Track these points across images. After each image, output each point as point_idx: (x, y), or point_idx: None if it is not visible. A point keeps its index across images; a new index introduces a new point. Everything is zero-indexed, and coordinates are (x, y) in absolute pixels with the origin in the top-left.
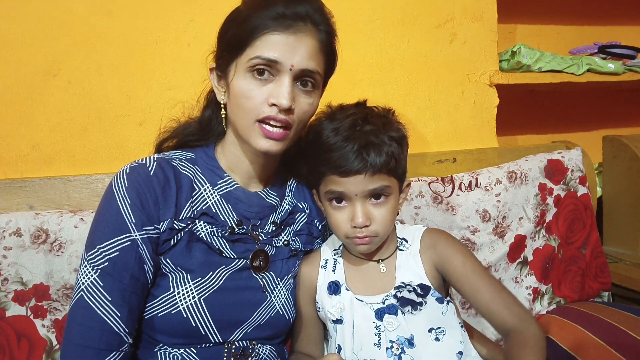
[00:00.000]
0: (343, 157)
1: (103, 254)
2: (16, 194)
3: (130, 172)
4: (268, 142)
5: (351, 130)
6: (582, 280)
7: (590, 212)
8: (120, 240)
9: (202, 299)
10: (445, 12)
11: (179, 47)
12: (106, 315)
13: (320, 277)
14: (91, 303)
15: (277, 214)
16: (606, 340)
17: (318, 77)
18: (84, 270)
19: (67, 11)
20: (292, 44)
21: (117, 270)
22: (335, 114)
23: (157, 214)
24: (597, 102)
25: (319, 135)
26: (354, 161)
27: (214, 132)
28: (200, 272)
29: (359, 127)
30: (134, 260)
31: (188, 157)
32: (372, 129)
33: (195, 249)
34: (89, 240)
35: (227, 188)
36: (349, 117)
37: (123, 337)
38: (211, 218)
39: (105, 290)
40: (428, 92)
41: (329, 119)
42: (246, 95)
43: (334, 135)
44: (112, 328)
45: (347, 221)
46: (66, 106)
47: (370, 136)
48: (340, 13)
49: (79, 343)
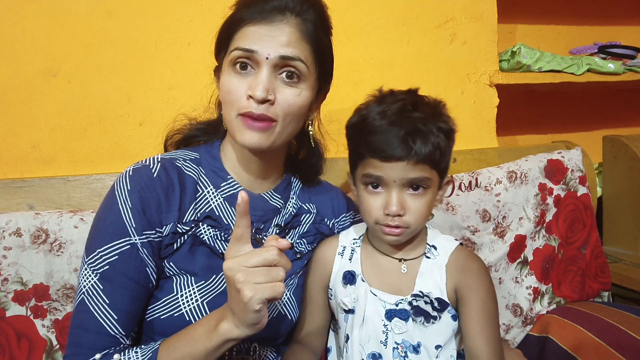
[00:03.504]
0: (387, 142)
1: (103, 258)
2: (16, 194)
3: (133, 175)
4: (250, 133)
5: (399, 115)
6: (582, 280)
7: (590, 212)
8: (120, 244)
9: (205, 302)
10: (445, 12)
11: (179, 47)
12: (102, 318)
13: (335, 263)
14: (90, 306)
15: (280, 217)
16: (606, 340)
17: (301, 65)
18: (85, 273)
19: (67, 11)
20: (269, 33)
21: (116, 274)
22: (385, 97)
23: (159, 218)
24: (597, 102)
25: (364, 117)
26: (397, 147)
27: (220, 132)
28: (203, 275)
29: (407, 112)
30: (133, 264)
31: (192, 158)
32: (420, 116)
33: (198, 252)
34: (89, 243)
35: (230, 191)
36: (398, 102)
37: (119, 339)
38: (214, 221)
39: (104, 294)
40: (428, 92)
41: (377, 102)
42: (228, 89)
43: (380, 118)
44: (107, 331)
45: (380, 208)
46: (66, 106)
47: (418, 123)
48: (340, 13)
49: (79, 343)
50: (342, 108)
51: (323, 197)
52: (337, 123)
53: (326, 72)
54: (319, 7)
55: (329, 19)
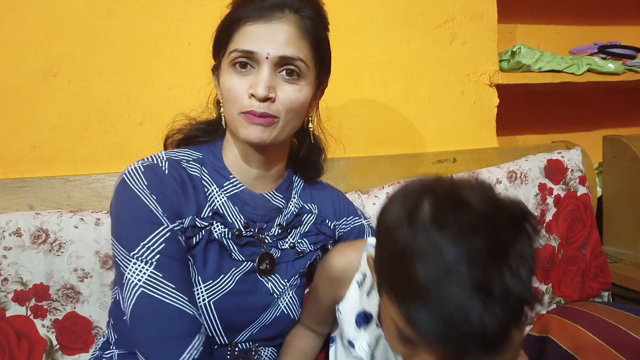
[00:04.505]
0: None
1: (150, 249)
2: (16, 194)
3: (146, 171)
4: (254, 128)
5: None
6: (582, 280)
7: (590, 212)
8: (161, 232)
9: (212, 302)
10: (445, 12)
11: (179, 47)
12: (177, 302)
13: (351, 292)
14: (157, 295)
15: (282, 217)
16: (606, 340)
17: (301, 64)
18: (135, 267)
19: (67, 11)
20: (268, 32)
21: (169, 260)
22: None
23: (180, 209)
24: (597, 102)
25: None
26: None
27: (220, 131)
28: (212, 274)
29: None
30: (178, 247)
31: (195, 158)
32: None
33: (211, 250)
34: (127, 241)
35: (233, 190)
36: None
37: (198, 318)
38: (223, 219)
39: (166, 279)
40: (428, 92)
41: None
42: (229, 88)
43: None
44: (187, 312)
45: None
46: (66, 106)
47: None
48: (340, 13)
49: (161, 337)
50: (341, 105)
51: (325, 198)
52: (337, 121)
53: (325, 68)
54: (316, 2)
55: (326, 14)
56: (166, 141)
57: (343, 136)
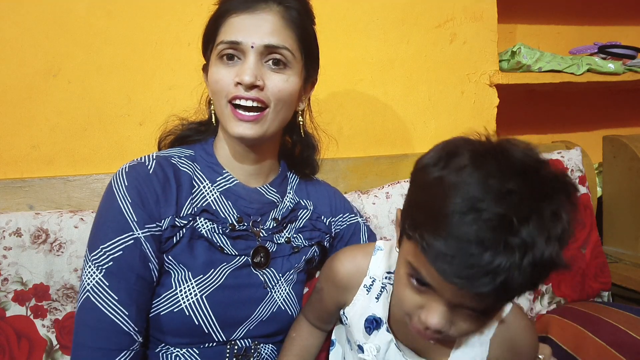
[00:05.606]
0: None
1: (107, 254)
2: (16, 194)
3: (130, 171)
4: (243, 125)
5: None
6: (582, 280)
7: (590, 212)
8: (124, 240)
9: (204, 296)
10: (445, 12)
11: (179, 47)
12: (114, 314)
13: (358, 296)
14: (98, 303)
15: (278, 211)
16: (606, 340)
17: (287, 53)
18: (89, 270)
19: (67, 11)
20: (253, 23)
21: (122, 270)
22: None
23: (158, 211)
24: (597, 102)
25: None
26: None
27: (212, 129)
28: (202, 269)
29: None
30: (138, 259)
31: (187, 154)
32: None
33: (197, 246)
34: (91, 241)
35: (226, 185)
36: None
37: (133, 335)
38: (212, 215)
39: (112, 290)
40: (428, 92)
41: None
42: (216, 79)
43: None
44: (121, 327)
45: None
46: (66, 106)
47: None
48: (340, 13)
49: (89, 345)
50: (341, 105)
51: (321, 195)
52: (337, 121)
53: (313, 61)
54: None
55: (312, 8)
56: (160, 143)
57: (343, 136)
